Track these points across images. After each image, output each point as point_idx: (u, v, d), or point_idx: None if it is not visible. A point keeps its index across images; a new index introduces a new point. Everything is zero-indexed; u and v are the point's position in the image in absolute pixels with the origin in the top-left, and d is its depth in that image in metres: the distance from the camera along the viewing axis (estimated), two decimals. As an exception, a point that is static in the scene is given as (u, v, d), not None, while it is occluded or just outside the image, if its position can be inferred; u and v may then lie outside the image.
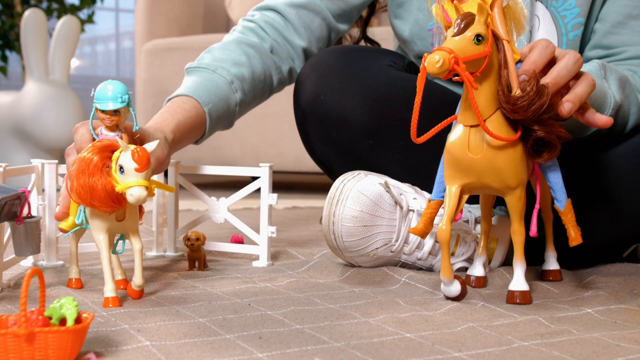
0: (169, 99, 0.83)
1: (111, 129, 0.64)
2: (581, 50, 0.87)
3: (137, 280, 0.63)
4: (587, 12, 0.85)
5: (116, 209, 0.61)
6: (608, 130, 0.78)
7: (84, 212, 0.63)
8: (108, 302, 0.61)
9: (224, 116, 0.87)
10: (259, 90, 0.91)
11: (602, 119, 0.65)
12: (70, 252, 0.70)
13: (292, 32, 0.93)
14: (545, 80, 0.62)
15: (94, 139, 0.65)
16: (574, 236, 0.65)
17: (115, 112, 0.63)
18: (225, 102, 0.86)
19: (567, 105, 0.62)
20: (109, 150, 0.60)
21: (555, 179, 0.65)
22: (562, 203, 0.65)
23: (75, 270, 0.70)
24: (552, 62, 0.64)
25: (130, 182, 0.58)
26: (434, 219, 0.67)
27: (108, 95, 0.62)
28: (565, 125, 0.74)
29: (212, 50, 0.90)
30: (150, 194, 0.60)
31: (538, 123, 0.60)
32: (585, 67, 0.78)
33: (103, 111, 0.63)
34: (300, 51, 0.94)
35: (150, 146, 0.61)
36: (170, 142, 0.76)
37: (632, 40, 0.85)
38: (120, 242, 0.68)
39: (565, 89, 0.64)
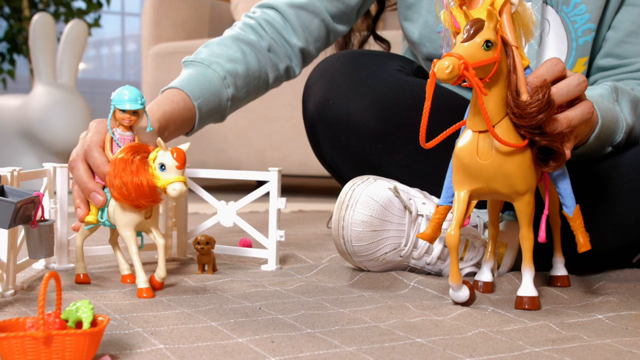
0: (162, 91, 0.85)
1: (127, 129, 0.70)
2: (592, 58, 0.87)
3: (160, 272, 0.69)
4: (599, 19, 0.84)
5: (155, 204, 0.67)
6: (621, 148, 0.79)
7: (107, 210, 0.69)
8: (142, 293, 0.67)
9: (214, 110, 0.89)
10: (253, 87, 0.93)
11: (567, 154, 0.63)
12: (77, 249, 0.74)
13: (291, 32, 0.95)
14: None
15: (108, 158, 0.69)
16: (583, 242, 0.66)
17: (134, 112, 0.68)
18: (217, 97, 0.88)
19: (555, 123, 0.61)
20: (143, 151, 0.67)
21: (564, 186, 0.65)
22: (571, 209, 0.65)
23: (82, 266, 0.73)
24: (559, 80, 0.64)
25: (171, 178, 0.65)
26: (442, 224, 0.68)
27: (127, 98, 0.68)
28: (584, 147, 0.74)
29: (210, 44, 0.92)
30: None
31: (535, 133, 0.60)
32: (597, 90, 0.77)
33: (123, 111, 0.68)
34: (297, 51, 0.96)
35: (184, 146, 0.68)
36: (156, 130, 0.78)
37: None
38: (139, 237, 0.73)
39: (560, 108, 0.63)
